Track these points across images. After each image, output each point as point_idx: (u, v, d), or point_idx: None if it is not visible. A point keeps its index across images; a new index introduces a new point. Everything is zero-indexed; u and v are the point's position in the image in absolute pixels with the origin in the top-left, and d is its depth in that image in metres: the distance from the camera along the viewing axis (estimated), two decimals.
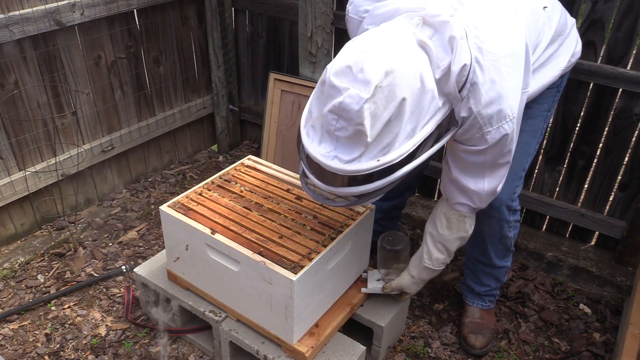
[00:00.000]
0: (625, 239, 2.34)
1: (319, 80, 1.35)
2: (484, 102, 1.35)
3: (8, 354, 2.01)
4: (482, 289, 2.12)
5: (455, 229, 1.71)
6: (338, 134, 1.28)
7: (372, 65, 1.23)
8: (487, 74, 1.33)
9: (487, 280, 2.10)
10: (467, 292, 2.18)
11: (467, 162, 1.54)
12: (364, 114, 1.22)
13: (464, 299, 2.20)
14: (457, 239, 1.74)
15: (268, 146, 2.99)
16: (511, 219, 1.90)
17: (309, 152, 1.36)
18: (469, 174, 1.57)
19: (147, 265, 2.12)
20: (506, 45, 1.36)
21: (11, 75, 2.29)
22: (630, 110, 2.17)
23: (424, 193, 2.87)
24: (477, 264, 2.07)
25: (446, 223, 1.71)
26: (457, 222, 1.70)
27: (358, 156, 1.29)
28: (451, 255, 1.79)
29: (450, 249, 1.76)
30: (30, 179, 2.45)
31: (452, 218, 1.70)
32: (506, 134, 1.41)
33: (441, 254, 1.77)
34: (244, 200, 1.94)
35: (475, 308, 2.16)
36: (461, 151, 1.52)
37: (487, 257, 2.02)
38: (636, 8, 2.02)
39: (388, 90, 1.23)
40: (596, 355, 2.08)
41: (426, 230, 1.79)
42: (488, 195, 1.61)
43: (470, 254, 2.09)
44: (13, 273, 2.38)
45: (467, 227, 1.72)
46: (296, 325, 1.69)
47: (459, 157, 1.55)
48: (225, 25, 3.02)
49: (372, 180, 1.34)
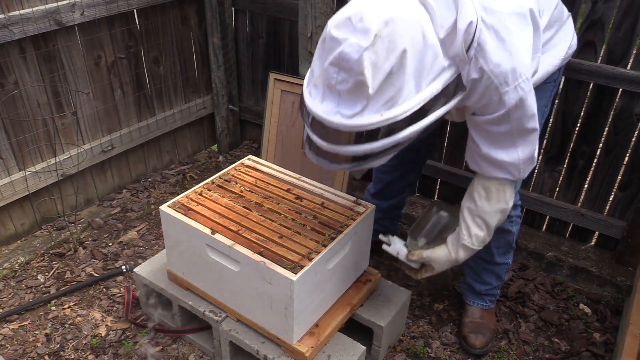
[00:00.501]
0: (625, 239, 2.34)
1: (320, 39, 1.33)
2: (495, 61, 1.33)
3: (8, 354, 2.01)
4: (483, 288, 2.12)
5: (495, 199, 1.61)
6: (339, 88, 1.27)
7: (371, 14, 1.21)
8: (494, 32, 1.31)
9: (488, 278, 2.10)
10: (468, 292, 2.18)
11: (494, 134, 1.49)
12: (363, 63, 1.21)
13: (464, 299, 2.20)
14: (498, 212, 1.64)
15: (268, 146, 2.99)
16: (512, 213, 1.90)
17: (311, 110, 1.34)
18: (500, 146, 1.51)
19: (147, 265, 2.12)
20: (511, 5, 1.34)
21: (11, 75, 2.29)
22: (630, 110, 2.17)
23: (424, 193, 2.87)
24: (478, 262, 2.07)
25: (485, 194, 1.62)
26: (497, 192, 1.61)
27: (360, 110, 1.27)
28: (491, 232, 1.68)
29: (490, 223, 1.65)
30: (30, 179, 2.45)
31: (492, 188, 1.61)
32: (524, 94, 1.38)
33: (480, 230, 1.66)
34: (244, 200, 1.94)
35: (476, 308, 2.16)
36: (484, 123, 1.48)
37: (489, 253, 2.01)
38: (636, 8, 2.02)
39: (388, 40, 1.22)
40: (596, 355, 2.08)
41: (463, 206, 1.68)
42: (525, 164, 1.55)
43: None
44: (13, 273, 2.38)
45: (507, 197, 1.63)
46: (296, 325, 1.69)
47: (484, 130, 1.50)
48: (225, 25, 3.02)
49: (377, 139, 1.31)
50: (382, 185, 2.30)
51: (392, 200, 2.33)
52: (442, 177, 2.73)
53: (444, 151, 2.67)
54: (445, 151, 2.67)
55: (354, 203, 1.94)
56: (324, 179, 2.80)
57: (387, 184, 2.28)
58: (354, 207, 1.92)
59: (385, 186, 2.29)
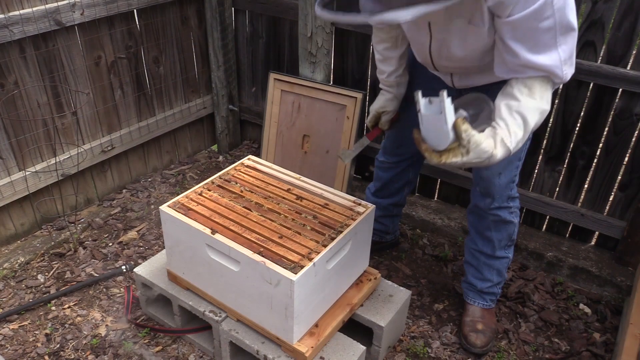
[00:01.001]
0: (625, 238, 2.34)
1: None
2: None
3: (8, 354, 2.01)
4: (484, 285, 2.13)
5: (539, 97, 1.50)
6: None
7: None
8: None
9: (489, 274, 2.11)
10: (468, 290, 2.18)
11: (534, 33, 1.42)
12: None
13: (464, 298, 2.21)
14: (538, 111, 1.50)
15: (268, 146, 2.99)
16: (512, 204, 1.97)
17: None
18: (541, 49, 1.44)
19: (147, 265, 2.12)
20: None
21: (11, 75, 2.29)
22: (630, 110, 2.17)
23: (424, 193, 2.87)
24: (479, 256, 2.09)
25: (527, 91, 1.50)
26: (540, 90, 1.50)
27: None
28: (526, 134, 1.51)
29: (529, 122, 1.49)
30: (30, 179, 2.46)
31: (535, 85, 1.50)
32: None
33: (519, 129, 1.49)
34: (244, 200, 1.94)
35: (476, 307, 2.16)
36: (525, 20, 1.40)
37: (491, 246, 2.04)
38: (636, 8, 2.01)
39: None
40: (596, 355, 2.08)
41: (500, 105, 1.52)
42: (566, 65, 1.47)
43: (471, 247, 2.11)
44: (13, 273, 2.38)
45: (548, 98, 1.52)
46: (296, 325, 1.69)
47: (524, 31, 1.42)
48: (225, 25, 3.02)
49: None
50: (381, 184, 2.33)
51: (392, 198, 2.36)
52: (442, 177, 2.73)
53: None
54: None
55: (354, 203, 1.94)
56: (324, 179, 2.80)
57: (386, 182, 2.31)
58: (354, 207, 1.92)
59: (385, 184, 2.32)
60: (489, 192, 1.92)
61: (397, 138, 2.20)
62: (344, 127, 2.72)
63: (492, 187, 1.90)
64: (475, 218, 2.05)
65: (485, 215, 1.99)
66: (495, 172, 1.87)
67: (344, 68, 2.80)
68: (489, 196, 1.93)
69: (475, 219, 2.06)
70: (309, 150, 2.87)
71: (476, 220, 2.05)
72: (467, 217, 2.12)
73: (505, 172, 1.87)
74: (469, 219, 2.10)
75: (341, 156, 2.15)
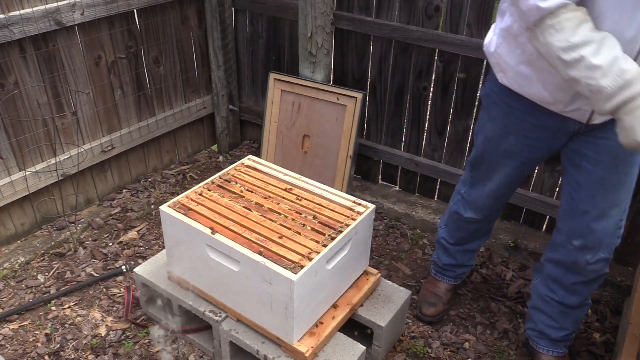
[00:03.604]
0: (625, 239, 2.33)
1: None
2: None
3: (8, 354, 2.01)
4: (559, 334, 1.91)
5: None
6: None
7: None
8: None
9: (567, 323, 1.89)
10: (539, 339, 1.96)
11: None
12: None
13: (532, 345, 2.00)
14: None
15: (268, 146, 2.99)
16: (612, 256, 1.74)
17: None
18: None
19: (147, 265, 2.12)
20: None
21: (11, 75, 2.29)
22: None
23: (424, 193, 2.87)
24: (556, 306, 1.86)
25: None
26: None
27: None
28: None
29: None
30: (31, 179, 2.46)
31: None
32: None
33: None
34: (244, 200, 1.94)
35: (551, 357, 1.95)
36: None
37: (579, 299, 1.82)
38: None
39: None
40: (596, 355, 2.08)
41: None
42: None
43: (546, 294, 1.87)
44: (13, 273, 2.39)
45: None
46: (296, 325, 1.69)
47: None
48: (225, 25, 3.02)
49: None
50: (461, 238, 2.13)
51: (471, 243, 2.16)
52: (442, 177, 2.73)
53: (444, 151, 2.67)
54: (445, 151, 2.67)
55: (354, 203, 1.94)
56: (324, 179, 2.81)
57: (468, 236, 2.12)
58: (354, 207, 1.92)
59: (464, 238, 2.13)
60: (592, 245, 1.65)
61: (496, 191, 1.92)
62: (344, 127, 2.72)
63: (594, 234, 1.63)
64: (563, 271, 1.78)
65: (583, 272, 1.72)
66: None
67: (344, 68, 2.80)
68: (592, 249, 1.65)
69: (560, 272, 1.79)
70: (309, 150, 2.87)
71: (561, 273, 1.79)
72: (544, 265, 1.87)
73: (612, 218, 1.60)
74: (547, 267, 1.84)
75: None
